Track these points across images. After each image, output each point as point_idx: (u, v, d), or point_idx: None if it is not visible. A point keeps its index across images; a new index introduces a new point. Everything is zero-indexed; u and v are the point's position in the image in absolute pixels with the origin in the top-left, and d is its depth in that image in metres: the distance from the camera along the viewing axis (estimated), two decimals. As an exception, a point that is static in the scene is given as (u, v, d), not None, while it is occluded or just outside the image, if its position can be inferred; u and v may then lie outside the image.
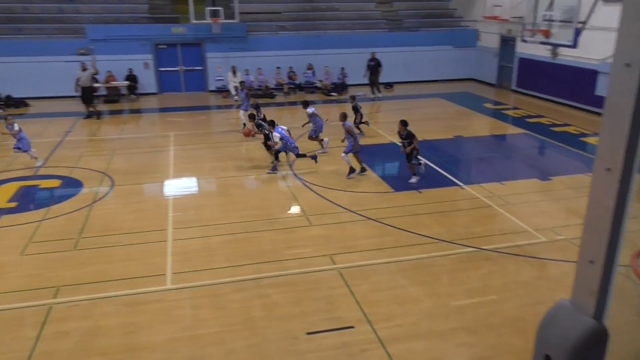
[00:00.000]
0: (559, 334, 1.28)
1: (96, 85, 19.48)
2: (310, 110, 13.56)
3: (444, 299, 7.04)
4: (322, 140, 13.47)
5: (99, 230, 9.05)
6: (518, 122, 17.17)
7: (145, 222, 9.44)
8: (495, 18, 21.29)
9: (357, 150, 11.61)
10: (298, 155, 11.97)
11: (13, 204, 10.17)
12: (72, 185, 11.25)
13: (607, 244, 1.20)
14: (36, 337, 6.18)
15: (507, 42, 22.36)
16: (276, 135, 11.76)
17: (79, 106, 17.84)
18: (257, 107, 14.39)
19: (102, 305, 6.84)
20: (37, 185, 11.28)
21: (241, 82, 17.45)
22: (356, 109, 14.73)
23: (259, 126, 12.63)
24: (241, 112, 15.61)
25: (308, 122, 13.80)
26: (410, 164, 11.27)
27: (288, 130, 12.16)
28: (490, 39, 23.36)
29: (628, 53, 1.05)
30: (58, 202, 10.32)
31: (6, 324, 6.45)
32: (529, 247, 8.49)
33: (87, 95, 17.44)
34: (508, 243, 8.61)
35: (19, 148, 12.34)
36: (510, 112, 18.72)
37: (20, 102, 19.33)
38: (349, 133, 11.51)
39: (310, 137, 13.65)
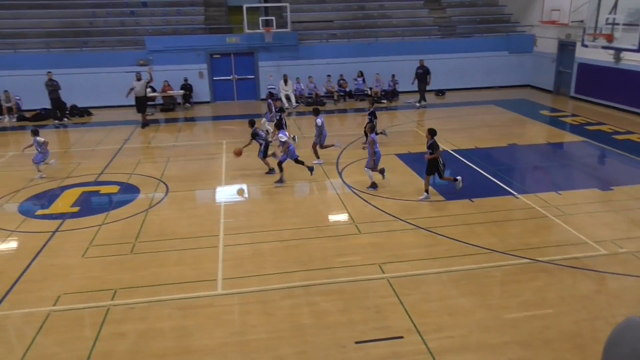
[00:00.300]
0: (626, 352, 1.21)
1: (152, 94, 20.27)
2: (319, 120, 13.21)
3: (497, 311, 6.83)
4: (332, 145, 13.58)
5: (154, 235, 9.39)
6: (577, 129, 16.48)
7: (197, 227, 9.70)
8: (553, 22, 20.56)
9: (322, 145, 12.35)
10: (297, 161, 11.92)
11: (75, 209, 10.71)
12: (129, 191, 11.73)
13: None
14: (95, 337, 6.46)
15: (565, 47, 21.55)
16: (281, 136, 11.84)
17: (137, 115, 18.59)
18: (280, 110, 14.89)
19: (156, 308, 7.08)
20: (98, 190, 11.83)
21: (269, 93, 17.73)
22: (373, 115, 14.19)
23: (254, 136, 12.51)
24: (264, 120, 15.74)
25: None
26: (445, 177, 10.81)
27: (294, 138, 12.07)
28: (547, 44, 22.59)
29: None
30: (116, 207, 10.79)
31: (68, 324, 6.78)
32: (587, 259, 8.11)
33: (141, 104, 18.14)
34: (565, 255, 8.26)
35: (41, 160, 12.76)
36: (568, 120, 17.99)
37: (84, 112, 20.37)
38: (370, 145, 11.19)
39: (315, 145, 13.45)
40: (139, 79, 17.90)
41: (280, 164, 11.88)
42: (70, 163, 13.98)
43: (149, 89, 20.31)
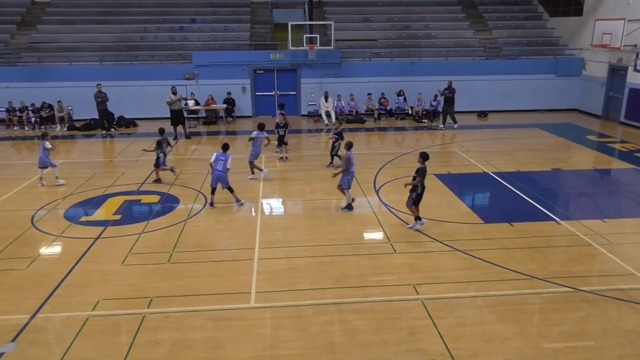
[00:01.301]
0: None
1: (195, 107, 20.78)
2: (256, 134, 13.66)
3: (536, 340, 6.59)
4: (259, 170, 13.67)
5: (191, 245, 9.56)
6: (625, 156, 15.88)
7: (234, 240, 9.82)
8: (604, 46, 20.03)
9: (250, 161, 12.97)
10: (229, 189, 11.54)
11: (117, 217, 11.04)
12: (169, 201, 12.01)
13: None
14: (130, 343, 6.59)
15: (616, 72, 20.90)
16: (212, 157, 11.50)
17: (180, 127, 19.06)
18: (284, 126, 15.23)
19: (190, 318, 7.17)
20: (140, 200, 12.17)
21: (281, 104, 17.86)
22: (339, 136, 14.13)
23: (159, 144, 13.12)
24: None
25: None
26: (413, 209, 10.04)
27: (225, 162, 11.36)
28: (597, 68, 21.97)
29: None
30: (156, 217, 11.05)
31: (105, 329, 6.95)
32: (634, 292, 7.74)
33: (177, 117, 18.41)
34: (610, 286, 7.91)
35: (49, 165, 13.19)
36: (617, 146, 17.36)
37: (130, 123, 21.08)
38: (345, 162, 10.83)
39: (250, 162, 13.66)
40: (174, 93, 18.33)
41: (213, 188, 11.45)
42: (114, 172, 14.45)
43: (191, 102, 20.88)
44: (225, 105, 21.59)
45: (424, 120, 21.25)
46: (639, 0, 18.98)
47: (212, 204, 11.49)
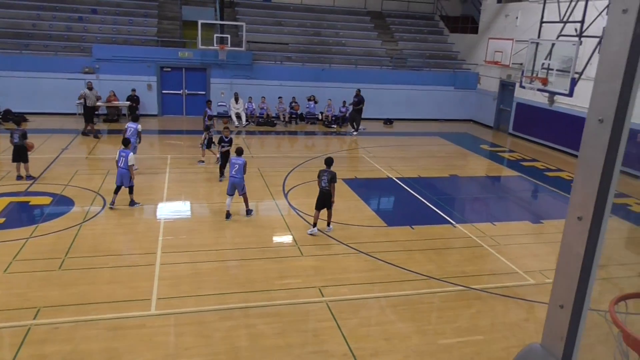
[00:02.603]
0: None
1: (96, 104, 19.63)
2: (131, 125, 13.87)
3: (432, 336, 6.96)
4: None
5: (86, 250, 8.96)
6: (513, 164, 17.31)
7: (134, 244, 9.36)
8: (496, 63, 21.72)
9: None
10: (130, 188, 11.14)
11: (0, 220, 10.08)
12: (63, 203, 11.18)
13: (577, 290, 1.22)
14: (12, 359, 6.03)
15: (506, 87, 22.74)
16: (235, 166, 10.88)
17: (79, 124, 17.91)
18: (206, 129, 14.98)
19: (83, 328, 6.71)
20: (28, 201, 11.21)
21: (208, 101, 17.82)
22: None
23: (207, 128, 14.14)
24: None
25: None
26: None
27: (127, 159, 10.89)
28: (490, 83, 23.76)
29: (601, 110, 1.12)
30: (47, 219, 10.24)
31: (-16, 341, 6.31)
32: (517, 288, 8.44)
33: (91, 113, 17.54)
34: (498, 283, 8.56)
35: None
36: (506, 155, 18.89)
37: (19, 117, 19.35)
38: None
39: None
40: (90, 88, 17.33)
41: (118, 187, 11.03)
42: None
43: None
44: (128, 102, 20.57)
45: (333, 126, 21.71)
46: (526, 23, 20.80)
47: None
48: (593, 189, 1.15)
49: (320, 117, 22.37)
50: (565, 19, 17.45)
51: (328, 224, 10.42)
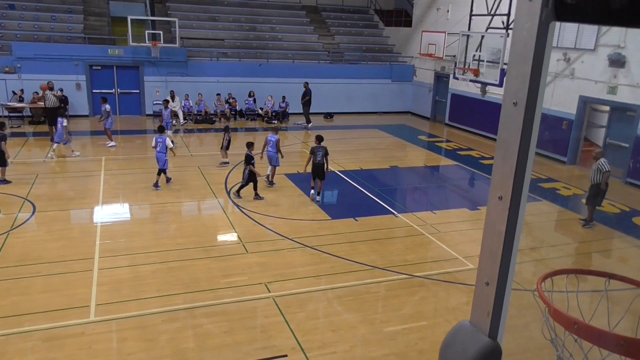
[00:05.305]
0: (458, 352, 1.36)
1: (19, 105, 18.59)
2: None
3: (378, 325, 7.11)
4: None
5: (16, 259, 8.48)
6: (450, 154, 17.93)
7: (69, 250, 8.95)
8: (430, 55, 22.35)
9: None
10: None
11: None
12: (-10, 210, 10.52)
13: (500, 266, 1.29)
14: (-62, 376, 5.65)
15: (441, 79, 23.46)
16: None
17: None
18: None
19: (16, 341, 6.36)
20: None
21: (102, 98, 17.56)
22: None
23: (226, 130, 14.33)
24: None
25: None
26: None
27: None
28: (425, 75, 24.42)
29: (514, 93, 1.18)
30: (-27, 228, 9.61)
31: None
32: (458, 274, 8.77)
33: (54, 116, 15.96)
34: (439, 270, 8.86)
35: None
36: (443, 145, 19.52)
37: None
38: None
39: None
40: (51, 88, 16.28)
41: None
42: None
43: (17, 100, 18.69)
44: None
45: (273, 121, 21.60)
46: (456, 16, 21.54)
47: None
48: (511, 169, 1.23)
49: (260, 112, 22.22)
50: (492, 12, 18.21)
51: (318, 193, 11.85)
